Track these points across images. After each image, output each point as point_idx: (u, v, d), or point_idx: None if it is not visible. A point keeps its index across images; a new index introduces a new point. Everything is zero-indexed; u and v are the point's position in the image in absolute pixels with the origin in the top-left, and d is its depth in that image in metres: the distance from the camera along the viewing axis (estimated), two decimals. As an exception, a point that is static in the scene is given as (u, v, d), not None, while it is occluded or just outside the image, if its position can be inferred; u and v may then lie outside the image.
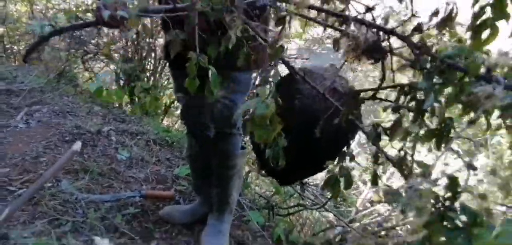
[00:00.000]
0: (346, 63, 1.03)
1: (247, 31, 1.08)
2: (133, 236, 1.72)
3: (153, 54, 4.01)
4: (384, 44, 0.96)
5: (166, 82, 4.19)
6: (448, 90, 0.86)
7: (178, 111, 4.05)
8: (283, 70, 1.31)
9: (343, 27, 0.99)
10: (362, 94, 1.07)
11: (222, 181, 1.78)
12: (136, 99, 3.82)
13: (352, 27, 0.98)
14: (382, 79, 0.99)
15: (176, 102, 3.93)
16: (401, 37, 0.94)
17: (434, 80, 0.86)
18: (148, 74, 4.04)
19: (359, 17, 0.98)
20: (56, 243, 1.44)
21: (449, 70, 0.85)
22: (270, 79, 1.15)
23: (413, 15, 0.95)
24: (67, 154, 1.43)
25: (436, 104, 0.86)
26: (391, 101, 1.01)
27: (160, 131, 3.13)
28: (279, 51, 1.05)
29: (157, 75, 4.06)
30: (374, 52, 0.95)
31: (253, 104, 0.99)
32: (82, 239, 1.58)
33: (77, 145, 1.34)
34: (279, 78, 1.27)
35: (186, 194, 2.28)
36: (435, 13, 0.90)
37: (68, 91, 3.79)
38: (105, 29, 3.82)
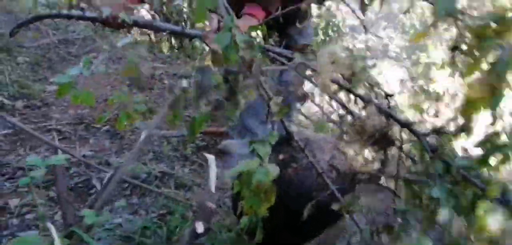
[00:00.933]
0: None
1: None
2: (202, 163, 2.05)
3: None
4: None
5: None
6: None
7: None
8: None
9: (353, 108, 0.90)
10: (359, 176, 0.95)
11: None
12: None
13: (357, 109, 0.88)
14: (384, 164, 0.90)
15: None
16: (417, 134, 0.85)
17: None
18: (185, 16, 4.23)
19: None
20: (147, 168, 1.78)
21: (465, 183, 0.76)
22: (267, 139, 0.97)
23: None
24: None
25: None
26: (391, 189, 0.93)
27: (205, 74, 3.40)
28: (283, 112, 0.94)
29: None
30: (381, 141, 0.86)
31: (250, 166, 0.84)
32: (163, 165, 1.91)
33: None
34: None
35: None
36: (454, 118, 0.78)
37: (116, 39, 4.08)
38: None
